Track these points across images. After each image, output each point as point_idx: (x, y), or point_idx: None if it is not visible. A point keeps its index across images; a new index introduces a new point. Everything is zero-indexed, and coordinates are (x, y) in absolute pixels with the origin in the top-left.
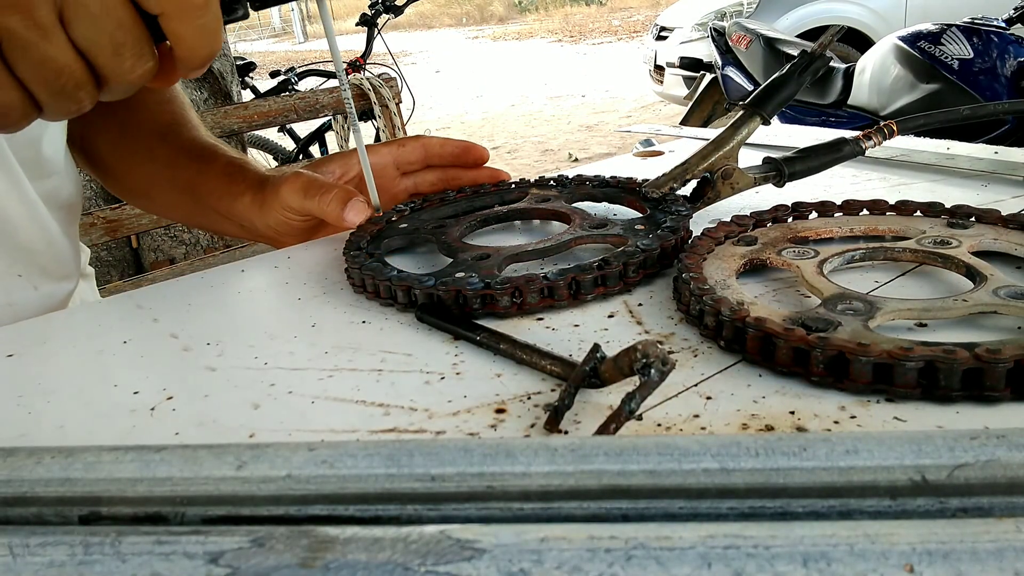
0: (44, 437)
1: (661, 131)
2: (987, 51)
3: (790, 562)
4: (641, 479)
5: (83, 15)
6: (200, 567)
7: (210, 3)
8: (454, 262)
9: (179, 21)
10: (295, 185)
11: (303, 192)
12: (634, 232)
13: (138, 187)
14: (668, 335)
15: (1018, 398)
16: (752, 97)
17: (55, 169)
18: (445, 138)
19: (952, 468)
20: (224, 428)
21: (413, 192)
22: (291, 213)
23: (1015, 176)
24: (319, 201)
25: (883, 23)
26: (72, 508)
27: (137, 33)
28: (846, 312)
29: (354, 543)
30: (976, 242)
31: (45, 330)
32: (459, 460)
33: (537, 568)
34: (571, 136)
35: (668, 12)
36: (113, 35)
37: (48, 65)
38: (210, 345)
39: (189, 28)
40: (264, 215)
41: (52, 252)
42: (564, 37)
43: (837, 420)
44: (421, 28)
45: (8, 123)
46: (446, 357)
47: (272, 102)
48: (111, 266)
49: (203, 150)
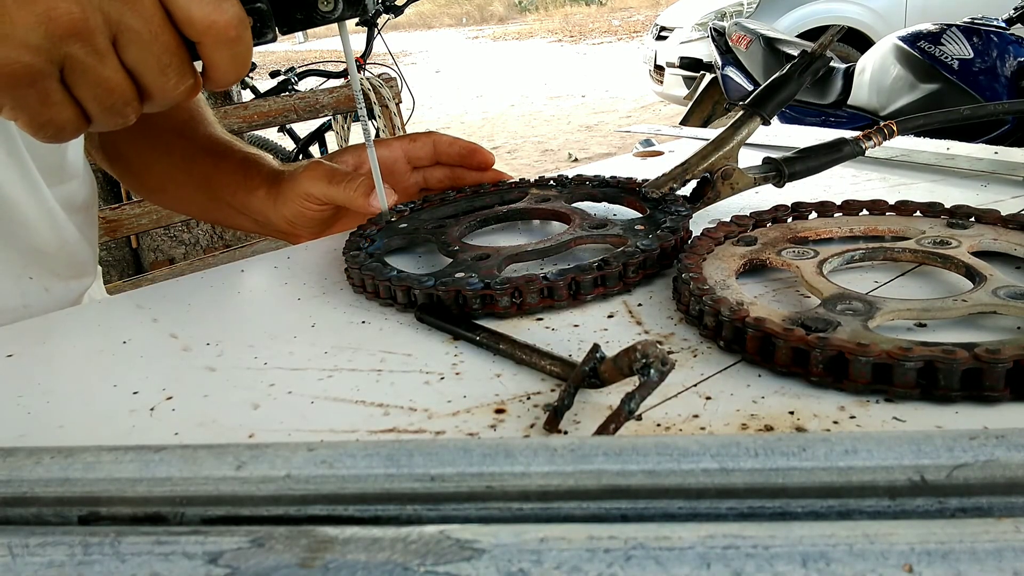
0: (44, 437)
1: (661, 131)
2: (987, 51)
3: (789, 562)
4: (640, 479)
5: (135, 40)
6: (199, 567)
7: (243, 35)
8: (454, 262)
9: (215, 49)
10: (318, 173)
11: (328, 179)
12: (634, 232)
13: (155, 182)
14: (668, 335)
15: (1017, 398)
16: (752, 97)
17: (75, 173)
18: (454, 137)
19: (951, 468)
20: (224, 428)
21: (423, 187)
22: (310, 202)
23: (1015, 176)
24: (345, 188)
25: (883, 23)
26: (71, 508)
27: (181, 56)
28: (845, 312)
29: (353, 543)
30: (976, 242)
31: (45, 330)
32: (458, 460)
33: (536, 568)
34: (571, 136)
35: (668, 12)
36: (160, 58)
37: (103, 85)
38: (210, 345)
39: (224, 56)
40: (279, 207)
41: (65, 254)
42: (564, 37)
43: (836, 420)
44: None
45: (63, 137)
46: (446, 357)
47: (272, 102)
48: (111, 266)
49: (219, 146)
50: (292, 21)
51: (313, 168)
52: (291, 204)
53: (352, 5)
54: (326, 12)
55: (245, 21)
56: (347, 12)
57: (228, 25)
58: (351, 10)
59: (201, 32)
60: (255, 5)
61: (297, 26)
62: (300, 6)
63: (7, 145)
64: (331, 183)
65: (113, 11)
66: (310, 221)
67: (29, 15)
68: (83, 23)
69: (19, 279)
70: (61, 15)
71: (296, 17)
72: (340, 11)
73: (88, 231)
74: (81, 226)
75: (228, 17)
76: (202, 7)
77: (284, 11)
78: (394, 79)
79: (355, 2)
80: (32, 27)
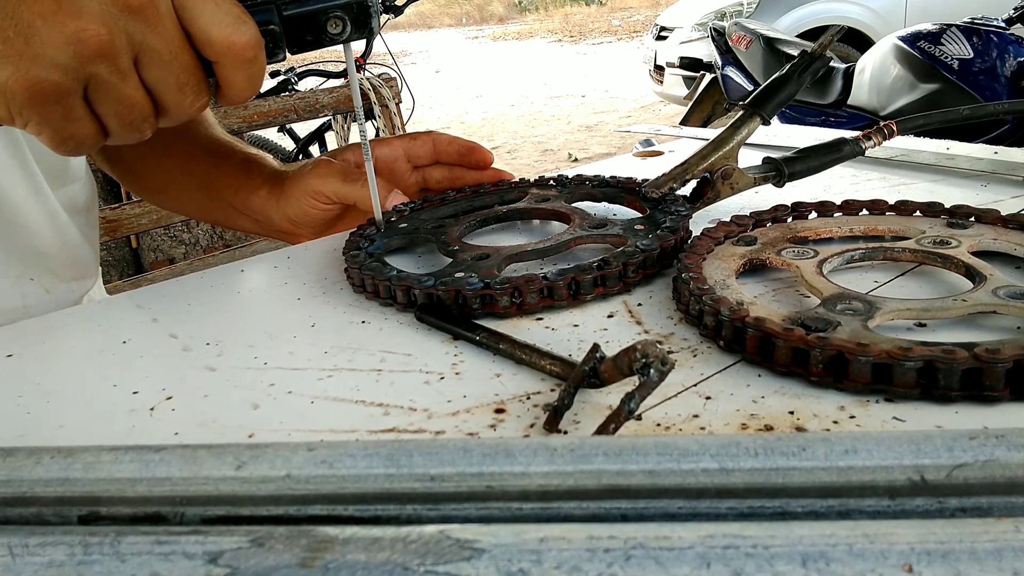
0: (44, 437)
1: (661, 131)
2: (987, 51)
3: (789, 562)
4: (640, 479)
5: (155, 60)
6: (199, 567)
7: (259, 56)
8: (454, 262)
9: (232, 69)
10: (330, 171)
11: (342, 178)
12: (634, 232)
13: (156, 183)
14: (667, 335)
15: (1017, 398)
16: (752, 97)
17: (77, 176)
18: (453, 136)
19: (951, 468)
20: (223, 428)
21: (423, 186)
22: (318, 200)
23: (1015, 176)
24: (361, 187)
25: (883, 23)
26: (71, 508)
27: (198, 75)
28: (845, 312)
29: (353, 543)
30: (976, 242)
31: (45, 330)
32: (458, 460)
33: (536, 568)
34: (571, 136)
35: (668, 12)
36: (179, 77)
37: (124, 103)
38: (210, 345)
39: (240, 76)
40: (282, 206)
41: (66, 255)
42: (564, 37)
43: (836, 420)
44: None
45: (81, 151)
46: (446, 357)
47: (272, 102)
48: (111, 266)
49: (220, 146)
50: (302, 42)
51: (323, 166)
52: (296, 202)
53: (359, 27)
54: (335, 34)
55: (261, 43)
56: (355, 34)
57: (246, 46)
58: (358, 32)
59: (220, 53)
60: (269, 27)
61: (307, 47)
62: (311, 28)
63: (11, 148)
64: (345, 181)
65: (136, 32)
66: (314, 220)
67: (59, 36)
68: (110, 44)
69: (19, 280)
70: (90, 36)
71: (306, 39)
72: (348, 33)
73: (89, 232)
74: (82, 227)
75: (247, 39)
76: (222, 29)
77: (296, 33)
78: (394, 79)
79: (362, 24)
80: (61, 47)
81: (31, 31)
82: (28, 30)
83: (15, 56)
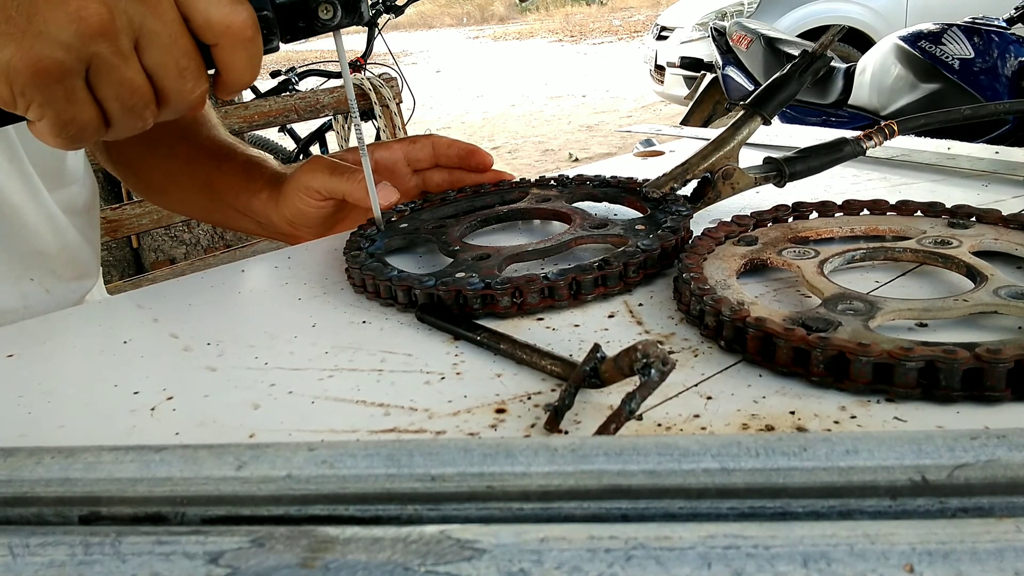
0: (44, 437)
1: (661, 131)
2: (988, 51)
3: (790, 562)
4: (641, 479)
5: (155, 43)
6: (200, 567)
7: (257, 36)
8: (454, 262)
9: (230, 51)
10: (318, 166)
11: (329, 171)
12: (634, 232)
13: (157, 184)
14: (668, 335)
15: (1018, 398)
16: (753, 97)
17: (75, 178)
18: (452, 139)
19: (952, 468)
20: (224, 428)
21: (423, 190)
22: (310, 197)
23: (1016, 176)
24: (348, 179)
25: (884, 23)
26: (72, 508)
27: (197, 60)
28: (846, 312)
29: (354, 543)
30: (976, 242)
31: (45, 330)
32: (459, 460)
33: (537, 568)
34: (571, 136)
35: (668, 12)
36: (179, 61)
37: (125, 85)
38: (210, 345)
39: (239, 58)
40: (280, 208)
41: (66, 256)
42: (565, 37)
43: (837, 420)
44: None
45: (83, 138)
46: (446, 357)
47: (272, 102)
48: (111, 266)
49: (222, 148)
50: (295, 29)
51: (313, 162)
52: (291, 202)
53: (350, 12)
54: (326, 20)
55: (258, 23)
56: (345, 20)
57: (244, 26)
58: (348, 17)
59: (219, 34)
60: (262, 13)
61: (299, 34)
62: (302, 15)
63: (7, 152)
64: (333, 175)
65: (136, 14)
66: (311, 219)
67: (61, 14)
68: (110, 23)
69: (19, 281)
70: (91, 15)
71: (299, 25)
72: (339, 19)
73: (89, 233)
74: (82, 228)
75: (244, 18)
76: (220, 9)
77: (288, 19)
78: (394, 79)
79: (353, 9)
80: (64, 25)
81: (33, 10)
82: (30, 9)
83: (18, 34)
